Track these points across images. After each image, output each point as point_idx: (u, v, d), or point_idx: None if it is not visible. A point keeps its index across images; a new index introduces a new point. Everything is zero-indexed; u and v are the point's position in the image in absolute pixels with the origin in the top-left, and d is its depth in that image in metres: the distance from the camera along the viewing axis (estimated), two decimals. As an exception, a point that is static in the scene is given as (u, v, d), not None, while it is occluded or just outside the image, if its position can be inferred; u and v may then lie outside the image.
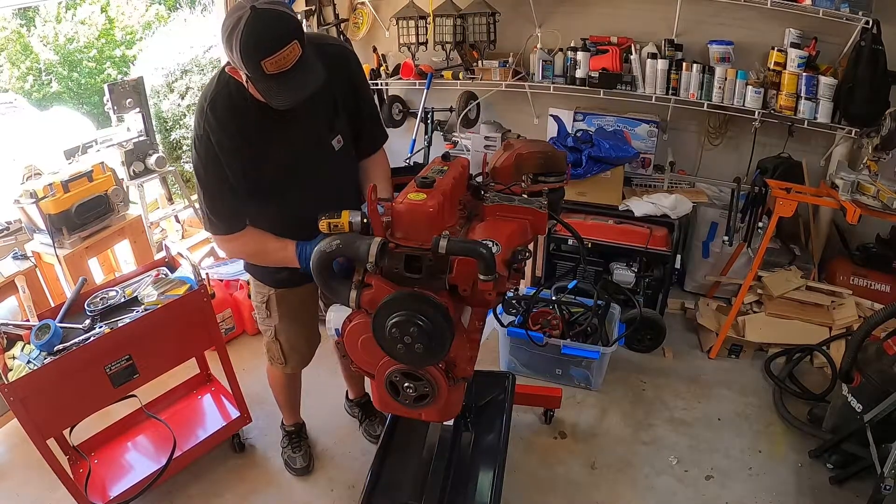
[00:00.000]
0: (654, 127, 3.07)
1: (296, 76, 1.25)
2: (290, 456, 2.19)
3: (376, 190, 1.25)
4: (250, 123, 1.42)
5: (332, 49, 1.49)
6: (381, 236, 1.20)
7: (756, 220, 2.75)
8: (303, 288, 1.75)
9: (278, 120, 1.42)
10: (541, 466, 2.18)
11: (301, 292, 1.77)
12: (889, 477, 1.70)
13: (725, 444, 2.25)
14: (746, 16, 2.78)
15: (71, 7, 8.06)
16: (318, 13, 3.59)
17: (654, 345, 2.75)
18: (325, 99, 1.48)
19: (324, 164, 1.57)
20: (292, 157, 1.52)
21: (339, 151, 1.57)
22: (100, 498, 1.89)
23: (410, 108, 3.72)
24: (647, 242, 2.77)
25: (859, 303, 2.67)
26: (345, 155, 1.60)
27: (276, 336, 1.85)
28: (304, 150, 1.52)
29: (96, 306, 1.88)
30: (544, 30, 3.18)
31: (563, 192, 1.68)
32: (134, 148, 3.07)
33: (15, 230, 2.71)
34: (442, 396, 1.23)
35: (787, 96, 2.69)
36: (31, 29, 8.14)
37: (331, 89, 1.46)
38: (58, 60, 8.21)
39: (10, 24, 7.91)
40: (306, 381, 2.17)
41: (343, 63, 1.51)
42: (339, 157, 1.58)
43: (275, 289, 1.75)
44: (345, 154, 1.60)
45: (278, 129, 1.46)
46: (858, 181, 2.35)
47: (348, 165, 1.65)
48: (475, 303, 1.25)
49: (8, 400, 1.57)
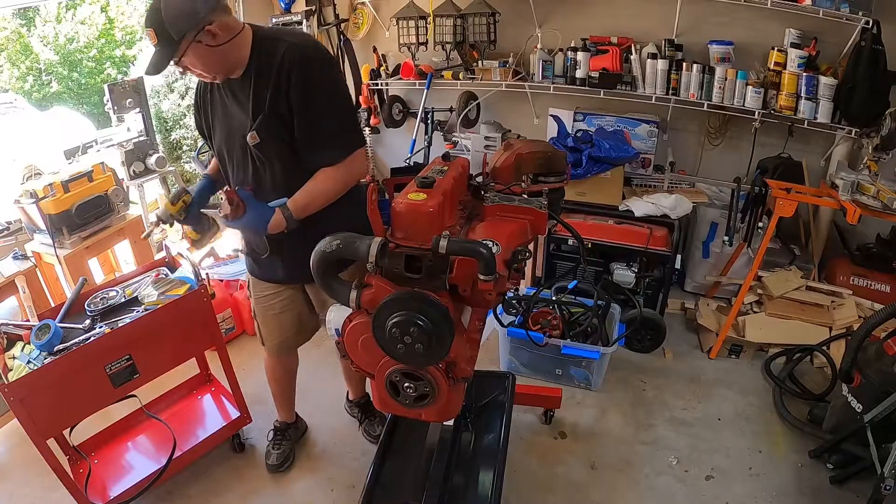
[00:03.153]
0: (654, 127, 3.07)
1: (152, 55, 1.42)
2: (269, 451, 2.21)
3: (377, 191, 1.26)
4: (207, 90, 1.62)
5: (283, 47, 1.46)
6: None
7: (756, 220, 2.75)
8: (266, 284, 1.84)
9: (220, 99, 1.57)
10: (541, 466, 2.18)
11: (264, 287, 1.85)
12: (889, 477, 1.70)
13: (725, 444, 2.25)
14: (746, 16, 2.78)
15: (71, 7, 8.07)
16: (318, 13, 3.59)
17: (654, 345, 2.75)
18: (257, 93, 1.49)
19: (242, 157, 1.61)
20: (222, 137, 1.63)
21: (256, 148, 1.54)
22: (100, 498, 1.88)
23: (410, 108, 3.73)
24: (647, 242, 2.77)
25: (859, 303, 2.67)
26: (263, 154, 1.56)
27: (253, 314, 1.97)
28: (228, 135, 1.60)
29: (96, 306, 1.88)
30: (544, 30, 3.19)
31: (563, 192, 1.68)
32: (134, 148, 3.07)
33: (15, 230, 2.71)
34: (442, 396, 1.23)
35: (787, 96, 2.69)
36: (31, 29, 8.15)
37: (265, 86, 1.47)
38: (58, 60, 8.22)
39: (10, 24, 7.92)
40: (306, 381, 2.17)
41: (291, 66, 1.45)
42: (255, 154, 1.56)
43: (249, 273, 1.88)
44: (263, 153, 1.56)
45: (222, 105, 1.58)
46: (858, 181, 2.35)
47: (268, 165, 1.58)
48: (475, 303, 1.25)
49: (8, 400, 1.57)
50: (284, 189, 1.57)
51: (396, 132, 3.84)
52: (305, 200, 1.55)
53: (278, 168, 1.58)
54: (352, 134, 1.59)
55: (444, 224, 1.25)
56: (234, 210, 1.50)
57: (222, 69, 1.49)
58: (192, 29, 1.36)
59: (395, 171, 3.53)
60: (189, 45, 1.38)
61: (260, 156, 1.57)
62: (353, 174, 1.61)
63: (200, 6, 1.37)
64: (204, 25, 1.37)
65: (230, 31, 1.44)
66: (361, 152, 1.61)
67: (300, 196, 1.55)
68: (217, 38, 1.41)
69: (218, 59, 1.45)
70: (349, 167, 1.58)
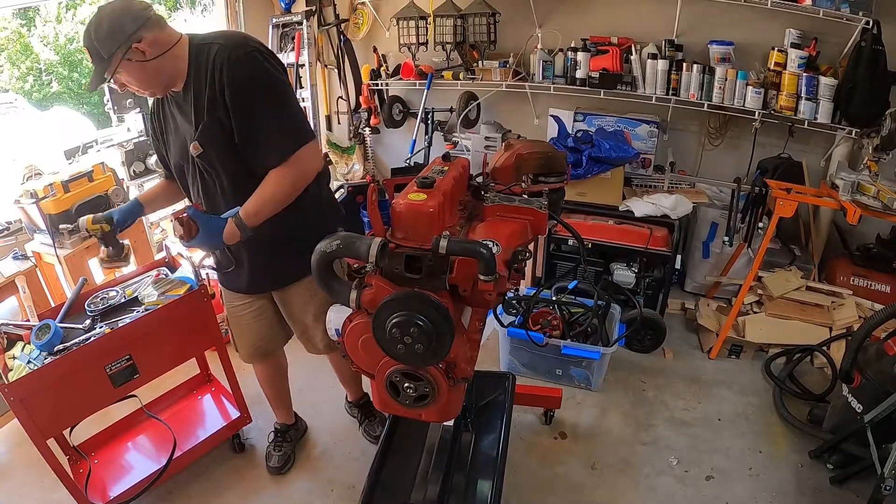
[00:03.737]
0: (654, 127, 3.07)
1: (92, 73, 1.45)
2: (269, 453, 2.21)
3: (377, 191, 1.26)
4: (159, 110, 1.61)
5: (214, 51, 1.44)
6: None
7: (756, 220, 2.75)
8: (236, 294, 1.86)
9: (170, 115, 1.57)
10: (541, 466, 2.18)
11: (234, 297, 1.87)
12: (889, 477, 1.70)
13: (725, 445, 2.25)
14: (746, 16, 2.78)
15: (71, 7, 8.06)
16: (318, 13, 3.59)
17: (655, 345, 2.75)
18: (196, 103, 1.47)
19: (193, 170, 1.60)
20: (175, 154, 1.62)
21: (200, 158, 1.52)
22: (100, 498, 1.88)
23: (411, 108, 3.73)
24: (647, 243, 2.77)
25: (859, 303, 2.67)
26: (208, 164, 1.54)
27: (227, 322, 1.99)
28: (180, 151, 1.59)
29: (96, 306, 1.88)
30: (544, 30, 3.19)
31: (563, 193, 1.68)
32: (134, 148, 3.07)
33: (15, 230, 2.71)
34: (442, 397, 1.23)
35: (787, 96, 2.69)
36: (32, 29, 8.15)
37: (202, 94, 1.45)
38: (58, 60, 8.22)
39: (10, 24, 7.92)
40: (306, 381, 2.17)
41: (221, 68, 1.42)
42: (201, 165, 1.55)
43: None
44: (208, 163, 1.53)
45: (172, 121, 1.57)
46: (858, 181, 2.35)
47: (215, 175, 1.56)
48: (475, 303, 1.25)
49: (8, 400, 1.57)
50: (235, 199, 1.54)
51: (396, 132, 3.85)
52: (255, 207, 1.51)
53: (225, 177, 1.55)
54: (294, 130, 1.51)
55: (444, 224, 1.25)
56: (187, 231, 1.49)
57: (158, 84, 1.49)
58: (119, 47, 1.38)
59: (396, 171, 3.53)
60: (119, 61, 1.39)
61: (206, 166, 1.55)
62: (303, 172, 1.55)
63: (127, 25, 1.38)
64: (132, 43, 1.38)
65: (161, 46, 1.43)
66: (309, 148, 1.53)
67: (250, 203, 1.51)
68: (147, 55, 1.41)
69: (150, 74, 1.45)
70: (297, 165, 1.52)
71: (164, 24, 1.45)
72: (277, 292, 1.83)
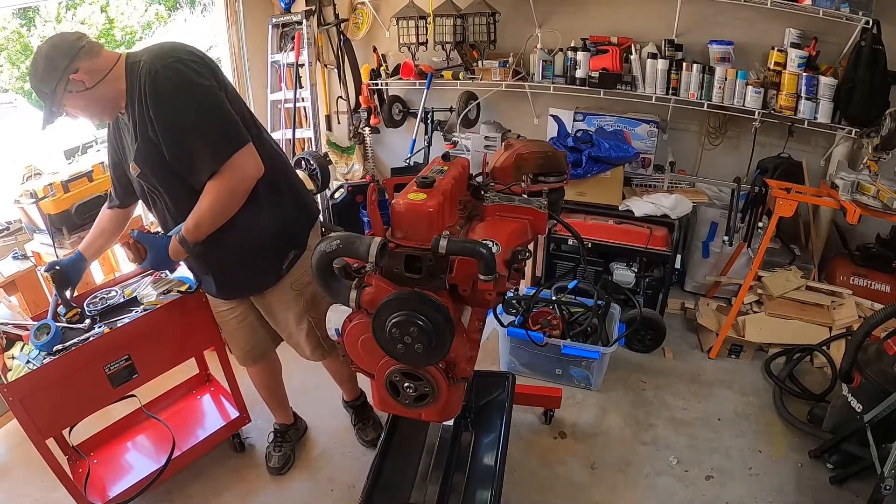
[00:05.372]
0: (654, 127, 3.06)
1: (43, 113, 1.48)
2: (269, 453, 2.21)
3: (377, 191, 1.26)
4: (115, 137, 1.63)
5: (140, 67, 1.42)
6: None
7: (756, 220, 2.75)
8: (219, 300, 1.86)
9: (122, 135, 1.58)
10: (541, 466, 2.18)
11: (218, 303, 1.87)
12: (889, 477, 1.70)
13: (725, 444, 2.25)
14: (746, 16, 2.78)
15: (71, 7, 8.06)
16: (318, 13, 3.59)
17: (655, 345, 2.75)
18: (133, 122, 1.48)
19: (140, 188, 1.61)
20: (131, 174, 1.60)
21: (141, 178, 1.53)
22: (99, 498, 1.88)
23: (410, 108, 3.73)
24: (647, 242, 2.77)
25: (859, 303, 2.67)
26: (149, 183, 1.54)
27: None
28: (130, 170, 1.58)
29: (95, 306, 1.88)
30: (544, 30, 3.19)
31: (563, 192, 1.68)
32: (134, 148, 3.07)
33: (15, 230, 2.71)
34: (442, 396, 1.23)
35: (787, 96, 2.69)
36: (31, 29, 8.14)
37: (134, 110, 1.46)
38: (58, 60, 8.20)
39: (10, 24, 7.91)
40: (306, 381, 2.17)
41: (144, 83, 1.40)
42: (144, 185, 1.56)
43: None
44: (148, 182, 1.54)
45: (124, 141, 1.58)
46: (858, 181, 2.35)
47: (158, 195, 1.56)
48: (475, 303, 1.25)
49: (7, 400, 1.57)
50: (181, 216, 1.53)
51: (396, 132, 3.84)
52: (194, 221, 1.50)
53: (168, 195, 1.55)
54: (222, 139, 1.45)
55: (444, 224, 1.25)
56: (136, 254, 1.52)
57: (106, 109, 1.51)
58: (59, 81, 1.40)
59: (395, 171, 3.54)
60: (63, 95, 1.42)
61: (147, 186, 1.55)
62: (239, 180, 1.49)
63: (59, 60, 1.40)
64: (68, 75, 1.40)
65: (98, 72, 1.44)
66: (242, 154, 1.47)
67: (189, 218, 1.51)
68: (86, 83, 1.43)
69: (94, 101, 1.47)
70: (231, 174, 1.46)
71: (98, 50, 1.46)
72: (256, 298, 1.83)
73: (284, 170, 1.72)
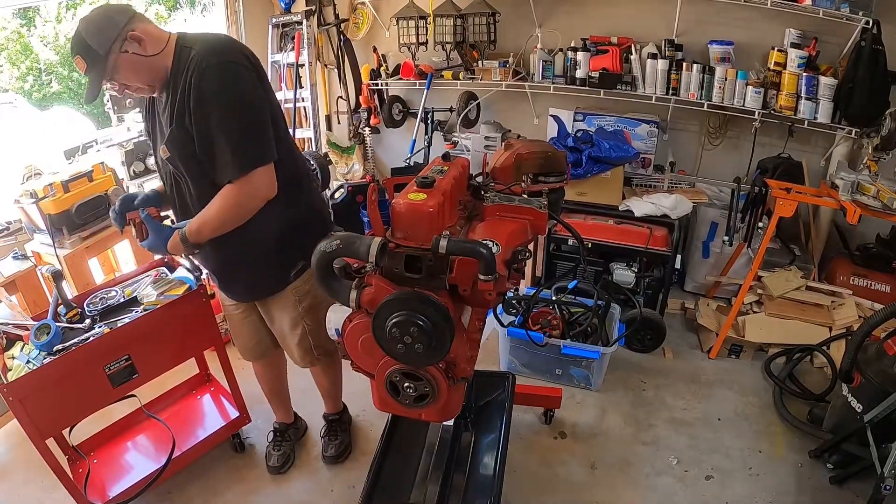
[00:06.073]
0: (654, 127, 3.07)
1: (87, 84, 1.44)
2: (269, 452, 2.21)
3: (377, 191, 1.26)
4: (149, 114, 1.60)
5: (192, 55, 1.41)
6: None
7: (756, 220, 2.75)
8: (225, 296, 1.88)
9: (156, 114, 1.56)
10: (541, 466, 2.18)
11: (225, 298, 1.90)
12: (889, 477, 1.70)
13: (725, 444, 2.25)
14: (746, 16, 2.78)
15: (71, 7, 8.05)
16: (318, 13, 3.59)
17: (654, 345, 2.75)
18: (171, 105, 1.45)
19: (164, 169, 1.60)
20: (157, 153, 1.60)
21: (169, 162, 1.52)
22: (99, 498, 1.88)
23: (410, 108, 3.73)
24: (647, 242, 2.77)
25: (859, 303, 2.67)
26: (176, 168, 1.53)
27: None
28: (157, 150, 1.58)
29: (96, 306, 1.88)
30: (544, 30, 3.19)
31: (563, 192, 1.68)
32: (134, 148, 3.06)
33: (15, 230, 2.71)
34: (442, 396, 1.23)
35: (787, 96, 2.69)
36: (31, 29, 8.14)
37: (175, 96, 1.44)
38: (58, 60, 8.22)
39: (10, 24, 7.91)
40: (306, 381, 2.17)
41: (192, 74, 1.39)
42: (171, 169, 1.55)
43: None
44: (175, 167, 1.53)
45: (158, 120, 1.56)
46: (858, 181, 2.35)
47: (183, 181, 1.56)
48: (475, 303, 1.25)
49: (7, 400, 1.57)
50: (201, 205, 1.52)
51: (396, 132, 3.85)
52: (197, 224, 1.50)
53: (192, 184, 1.54)
54: (250, 150, 1.44)
55: (444, 224, 1.25)
56: (139, 232, 1.57)
57: (155, 81, 1.46)
58: (115, 39, 1.36)
59: (395, 171, 3.53)
60: (117, 57, 1.38)
61: (174, 170, 1.55)
62: (251, 196, 1.48)
63: (117, 17, 1.38)
64: (126, 33, 1.37)
65: (155, 40, 1.42)
66: (263, 171, 1.46)
67: (194, 219, 1.51)
68: (143, 44, 1.40)
69: (145, 69, 1.43)
70: (245, 187, 1.45)
71: (149, 20, 1.45)
72: (260, 301, 1.84)
73: (305, 170, 1.74)
